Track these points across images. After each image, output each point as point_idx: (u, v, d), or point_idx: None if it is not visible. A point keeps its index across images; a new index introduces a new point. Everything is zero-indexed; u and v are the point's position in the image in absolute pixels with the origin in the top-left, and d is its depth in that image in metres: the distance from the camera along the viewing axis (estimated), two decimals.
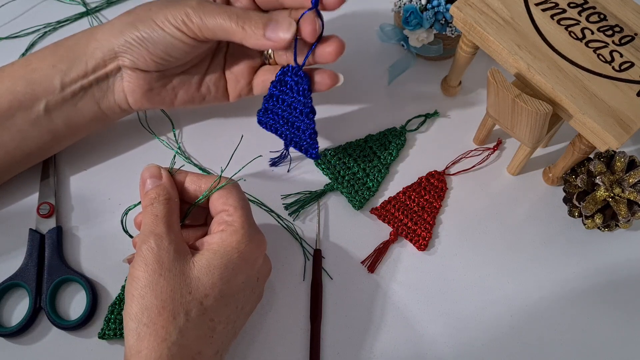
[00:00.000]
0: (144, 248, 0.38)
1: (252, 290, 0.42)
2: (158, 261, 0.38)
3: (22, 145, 0.47)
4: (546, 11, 0.47)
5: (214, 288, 0.38)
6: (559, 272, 0.51)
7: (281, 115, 0.51)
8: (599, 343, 0.48)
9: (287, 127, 0.51)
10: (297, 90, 0.49)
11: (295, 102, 0.49)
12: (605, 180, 0.48)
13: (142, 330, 0.36)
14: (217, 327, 0.39)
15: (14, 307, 0.48)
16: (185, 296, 0.37)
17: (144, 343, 0.36)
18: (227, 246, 0.39)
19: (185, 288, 0.37)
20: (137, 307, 0.37)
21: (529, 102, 0.43)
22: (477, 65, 0.58)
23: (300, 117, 0.50)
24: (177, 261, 0.38)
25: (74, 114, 0.48)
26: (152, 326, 0.36)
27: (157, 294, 0.37)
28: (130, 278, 0.38)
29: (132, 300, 0.37)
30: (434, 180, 0.54)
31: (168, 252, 0.38)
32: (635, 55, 0.46)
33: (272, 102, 0.50)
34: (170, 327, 0.36)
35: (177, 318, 0.37)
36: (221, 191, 0.41)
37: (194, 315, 0.37)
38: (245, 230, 0.40)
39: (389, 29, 0.58)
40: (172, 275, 0.37)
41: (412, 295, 0.49)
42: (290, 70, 0.48)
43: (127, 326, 0.37)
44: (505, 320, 0.49)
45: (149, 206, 0.40)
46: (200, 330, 0.38)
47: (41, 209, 0.50)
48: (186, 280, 0.38)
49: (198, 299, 0.38)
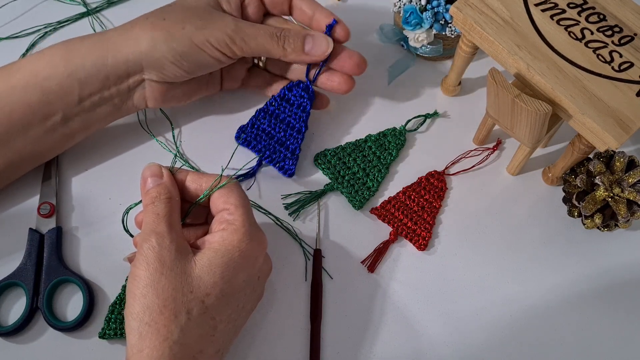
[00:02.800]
0: (145, 247, 0.38)
1: (253, 289, 0.42)
2: (160, 260, 0.38)
3: (36, 149, 0.47)
4: (546, 11, 0.47)
5: (215, 287, 0.38)
6: (558, 272, 0.51)
7: (267, 132, 0.52)
8: (599, 342, 0.48)
9: (267, 142, 0.52)
10: (299, 104, 0.51)
11: (290, 118, 0.51)
12: (604, 180, 0.48)
13: (144, 329, 0.36)
14: (218, 326, 0.39)
15: (10, 307, 0.48)
16: (187, 295, 0.37)
17: (145, 342, 0.36)
18: (228, 245, 0.39)
19: (187, 287, 0.37)
20: (138, 306, 0.37)
21: (529, 102, 0.43)
22: (477, 65, 0.58)
23: (290, 133, 0.51)
24: (179, 260, 0.38)
25: (91, 118, 0.48)
26: (154, 325, 0.36)
27: (159, 292, 0.37)
28: (132, 277, 0.38)
29: (134, 299, 0.37)
30: (434, 180, 0.54)
31: (170, 251, 0.38)
32: (634, 55, 0.46)
33: (262, 118, 0.52)
34: (172, 326, 0.36)
35: (179, 317, 0.37)
36: (222, 190, 0.41)
37: (196, 314, 0.37)
38: (246, 228, 0.40)
39: (389, 29, 0.58)
40: (173, 274, 0.37)
41: (412, 295, 0.49)
42: (299, 85, 0.51)
43: (128, 325, 0.37)
44: (505, 320, 0.49)
45: (150, 205, 0.40)
46: (201, 329, 0.38)
47: (42, 208, 0.50)
48: (188, 279, 0.38)
49: (199, 298, 0.38)
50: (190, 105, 0.57)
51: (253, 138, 0.53)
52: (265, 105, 0.53)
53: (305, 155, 0.55)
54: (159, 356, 0.36)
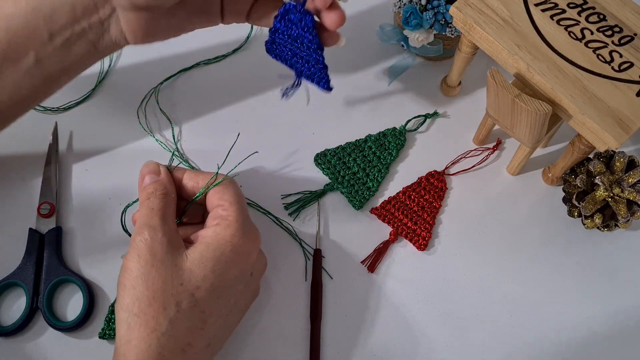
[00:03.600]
0: (137, 240, 0.38)
1: (245, 284, 0.42)
2: (151, 252, 0.38)
3: (16, 94, 0.44)
4: (546, 11, 0.47)
5: (205, 280, 0.38)
6: (558, 272, 0.51)
7: (289, 48, 0.48)
8: (598, 342, 0.48)
9: (296, 59, 0.47)
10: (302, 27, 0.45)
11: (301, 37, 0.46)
12: (604, 180, 0.48)
13: (133, 320, 0.36)
14: (208, 320, 0.39)
15: (10, 307, 0.48)
16: (177, 287, 0.37)
17: (134, 333, 0.36)
18: (220, 239, 0.39)
19: (177, 279, 0.37)
20: (128, 298, 0.37)
21: (529, 102, 0.43)
22: (477, 65, 0.58)
23: (309, 52, 0.47)
24: (170, 253, 0.38)
25: (68, 58, 0.44)
26: (143, 316, 0.36)
27: (149, 284, 0.37)
28: (123, 269, 0.38)
29: (124, 290, 0.37)
30: (434, 180, 0.54)
31: (161, 244, 0.38)
32: (634, 55, 0.46)
33: (279, 35, 0.47)
34: (160, 317, 0.37)
35: (168, 309, 0.37)
36: (218, 187, 0.42)
37: (185, 307, 0.37)
38: (239, 224, 0.40)
39: (389, 29, 0.58)
40: (164, 266, 0.38)
41: (412, 294, 0.49)
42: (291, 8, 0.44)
43: (118, 317, 0.38)
44: (505, 319, 0.49)
45: (146, 200, 0.41)
46: (190, 321, 0.38)
47: (42, 208, 0.50)
48: (178, 271, 0.38)
49: (189, 291, 0.38)
50: (190, 105, 0.57)
51: (281, 55, 0.47)
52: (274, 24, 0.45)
53: (306, 155, 0.55)
54: (147, 347, 0.36)
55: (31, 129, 0.54)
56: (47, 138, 0.53)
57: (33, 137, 0.54)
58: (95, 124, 0.55)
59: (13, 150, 0.54)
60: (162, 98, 0.57)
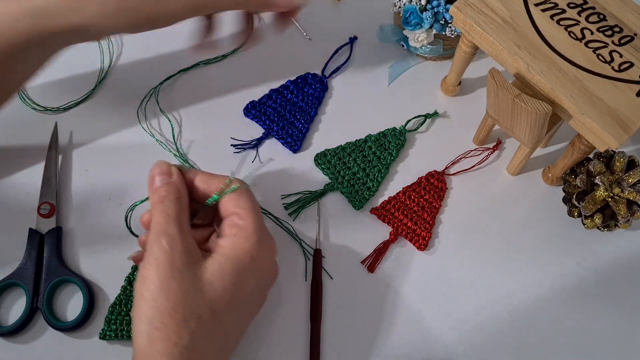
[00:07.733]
0: (155, 248, 0.37)
1: (260, 293, 0.42)
2: (170, 263, 0.37)
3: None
4: (546, 11, 0.47)
5: (225, 293, 0.38)
6: (558, 272, 0.51)
7: (278, 110, 0.52)
8: (598, 342, 0.48)
9: (276, 119, 0.53)
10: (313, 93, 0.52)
11: (302, 103, 0.52)
12: (604, 180, 0.48)
13: (154, 333, 0.36)
14: (225, 330, 0.38)
15: (10, 307, 0.48)
16: (197, 300, 0.37)
17: (155, 347, 0.36)
18: (239, 251, 0.39)
19: (198, 292, 0.37)
20: (148, 309, 0.36)
21: (529, 102, 0.43)
22: (477, 65, 0.58)
23: (300, 114, 0.51)
24: (189, 264, 0.37)
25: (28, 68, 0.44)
26: (165, 330, 0.36)
27: (169, 296, 0.36)
28: (141, 278, 0.37)
29: (143, 301, 0.36)
30: (434, 180, 0.54)
31: (180, 254, 0.37)
32: (634, 55, 0.46)
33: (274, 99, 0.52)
34: (181, 331, 0.36)
35: (189, 322, 0.36)
36: (232, 193, 0.41)
37: (205, 319, 0.37)
38: (258, 236, 0.39)
39: (389, 29, 0.58)
40: (184, 278, 0.37)
41: (412, 294, 0.49)
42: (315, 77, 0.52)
43: (136, 327, 0.37)
44: (505, 319, 0.49)
45: (159, 204, 0.39)
46: (210, 333, 0.37)
47: (42, 208, 0.50)
48: (198, 283, 0.37)
49: (209, 303, 0.37)
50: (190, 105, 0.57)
51: (262, 113, 0.54)
52: (279, 88, 0.54)
53: (306, 155, 0.55)
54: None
55: (31, 129, 0.54)
56: (47, 138, 0.53)
57: (33, 137, 0.54)
58: (95, 124, 0.55)
59: (13, 151, 0.54)
60: (162, 98, 0.57)
